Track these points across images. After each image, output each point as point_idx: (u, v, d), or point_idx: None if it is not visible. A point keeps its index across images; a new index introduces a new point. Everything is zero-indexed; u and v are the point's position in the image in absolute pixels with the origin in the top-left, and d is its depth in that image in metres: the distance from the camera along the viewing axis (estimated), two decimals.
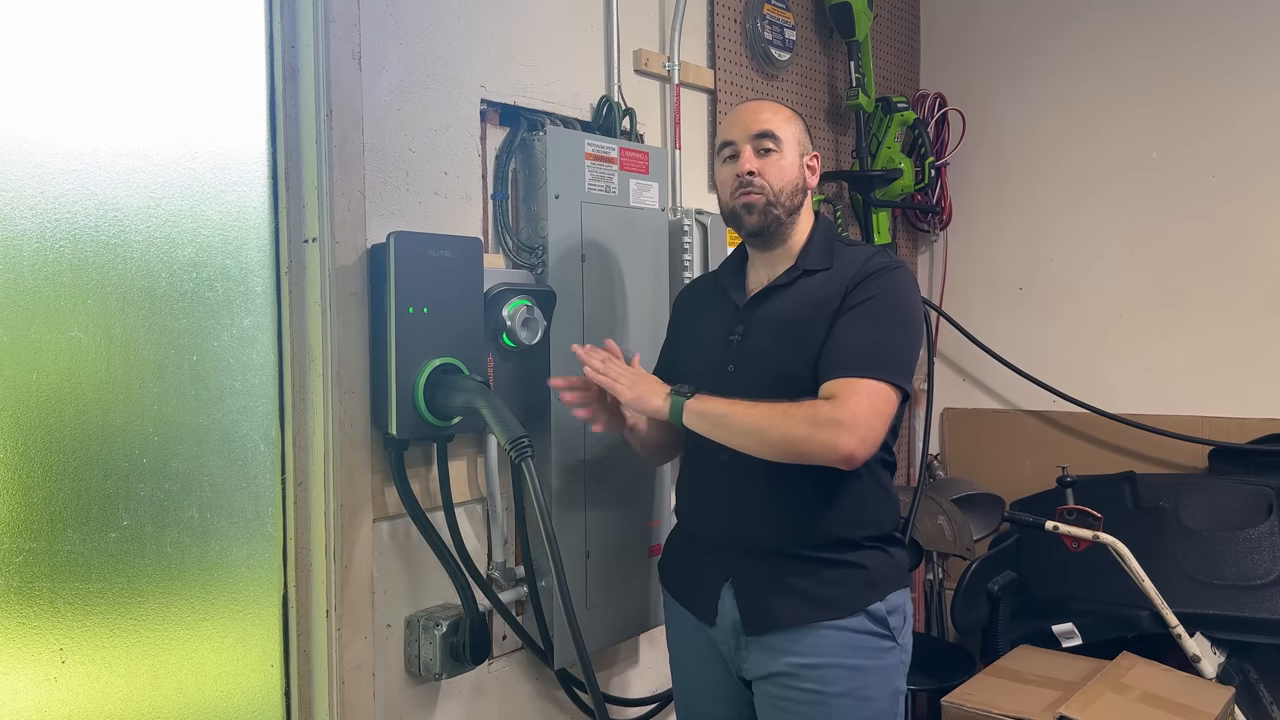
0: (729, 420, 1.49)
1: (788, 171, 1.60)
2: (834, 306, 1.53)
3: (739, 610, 1.57)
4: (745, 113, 1.65)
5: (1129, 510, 2.57)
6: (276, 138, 1.52)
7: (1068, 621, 2.42)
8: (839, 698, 1.52)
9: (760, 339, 1.59)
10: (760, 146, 1.60)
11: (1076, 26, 2.96)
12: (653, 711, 2.16)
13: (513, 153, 1.86)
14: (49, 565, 1.30)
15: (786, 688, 1.55)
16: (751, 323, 1.61)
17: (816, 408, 1.43)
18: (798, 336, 1.55)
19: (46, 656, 1.31)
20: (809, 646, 1.53)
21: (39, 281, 1.28)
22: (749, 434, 1.47)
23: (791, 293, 1.60)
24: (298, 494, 1.54)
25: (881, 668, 1.56)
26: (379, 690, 1.64)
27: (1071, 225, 2.98)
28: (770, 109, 1.65)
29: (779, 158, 1.60)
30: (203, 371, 1.45)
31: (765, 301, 1.62)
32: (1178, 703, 2.07)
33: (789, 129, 1.62)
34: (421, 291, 1.57)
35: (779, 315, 1.59)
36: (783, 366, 1.55)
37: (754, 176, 1.59)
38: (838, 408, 1.42)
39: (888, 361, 1.47)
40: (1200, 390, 2.77)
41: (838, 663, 1.53)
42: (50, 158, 1.29)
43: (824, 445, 1.41)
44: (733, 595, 1.58)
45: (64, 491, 1.31)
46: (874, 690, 1.55)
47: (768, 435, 1.45)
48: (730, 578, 1.59)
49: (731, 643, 1.60)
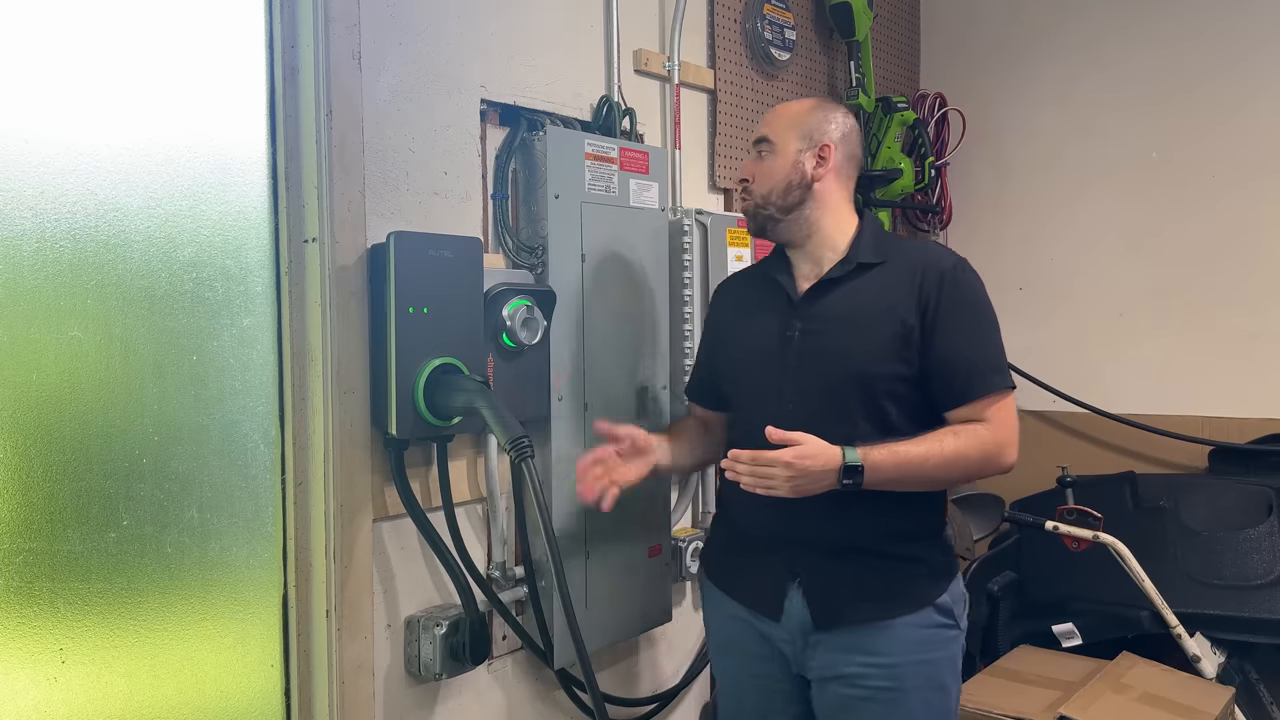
0: (929, 462, 1.49)
1: (775, 172, 1.62)
2: (910, 306, 1.54)
3: (809, 608, 1.57)
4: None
5: (1129, 510, 2.57)
6: (276, 138, 1.52)
7: (1068, 621, 2.42)
8: (916, 691, 1.54)
9: (825, 334, 1.58)
10: (756, 152, 1.66)
11: (1076, 26, 2.96)
12: (653, 711, 2.16)
13: (513, 153, 1.86)
14: (49, 565, 1.30)
15: (860, 687, 1.55)
16: (812, 318, 1.60)
17: (979, 435, 1.52)
18: (865, 332, 1.56)
19: (46, 656, 1.31)
20: (883, 644, 1.54)
21: (39, 281, 1.28)
22: (947, 466, 1.51)
23: (852, 287, 1.60)
24: (298, 494, 1.54)
25: (950, 656, 1.59)
26: (379, 690, 1.64)
27: (1071, 225, 2.98)
28: (776, 111, 1.69)
29: (771, 159, 1.63)
30: (203, 371, 1.45)
31: (823, 295, 1.61)
32: (1178, 703, 2.07)
33: (786, 128, 1.64)
34: (421, 291, 1.57)
35: (844, 311, 1.58)
36: (848, 360, 1.55)
37: (746, 182, 1.66)
38: (996, 430, 1.53)
39: (1003, 369, 1.58)
40: (1200, 390, 2.77)
41: (913, 659, 1.55)
42: (50, 157, 1.29)
43: (996, 468, 1.55)
44: (801, 593, 1.58)
45: (64, 491, 1.31)
46: (946, 678, 1.58)
47: (952, 470, 1.52)
48: (798, 575, 1.58)
49: (798, 641, 1.59)
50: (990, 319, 1.59)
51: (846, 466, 1.46)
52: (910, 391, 1.56)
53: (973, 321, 1.56)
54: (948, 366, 1.54)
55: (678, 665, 2.27)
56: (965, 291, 1.57)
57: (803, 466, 1.44)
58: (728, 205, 2.40)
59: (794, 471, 1.45)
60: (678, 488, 2.19)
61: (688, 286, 2.10)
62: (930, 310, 1.54)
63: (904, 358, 1.54)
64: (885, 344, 1.54)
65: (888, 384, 1.54)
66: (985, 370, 1.55)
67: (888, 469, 1.48)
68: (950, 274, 1.56)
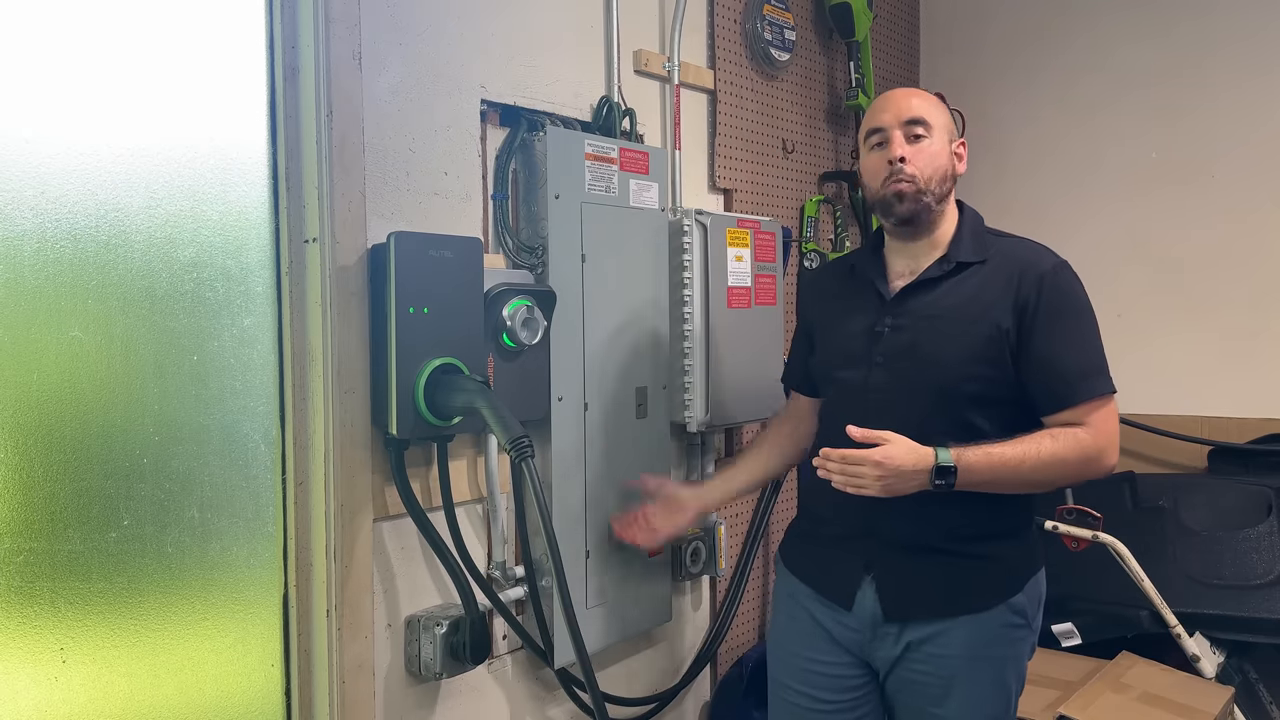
0: (1025, 464, 1.47)
1: (938, 158, 1.58)
2: (1006, 309, 1.52)
3: (880, 600, 1.57)
4: (896, 99, 1.62)
5: (1129, 510, 2.57)
6: (277, 138, 1.52)
7: (1067, 621, 2.42)
8: (976, 686, 1.55)
9: (916, 333, 1.56)
10: (911, 133, 1.58)
11: (1076, 26, 2.97)
12: (653, 711, 2.16)
13: (513, 153, 1.86)
14: (49, 565, 1.30)
15: (923, 676, 1.56)
16: (903, 315, 1.58)
17: (1079, 438, 1.50)
18: (961, 333, 1.54)
19: (47, 656, 1.31)
20: (950, 638, 1.55)
21: (39, 281, 1.28)
22: (1043, 469, 1.49)
23: (949, 287, 1.58)
24: (298, 494, 1.54)
25: (1015, 655, 1.59)
26: (379, 690, 1.65)
27: (1071, 225, 2.98)
28: (920, 95, 1.63)
29: (929, 144, 1.58)
30: (203, 371, 1.45)
31: (918, 294, 1.59)
32: (1177, 702, 2.07)
33: (939, 115, 1.60)
34: (422, 291, 1.57)
35: (937, 310, 1.56)
36: (941, 362, 1.53)
37: (905, 164, 1.56)
38: (1097, 435, 1.51)
39: (1105, 372, 1.56)
40: (1199, 390, 2.77)
41: (978, 654, 1.55)
42: (50, 157, 1.29)
43: (1095, 472, 1.53)
44: (874, 586, 1.58)
45: (64, 491, 1.31)
46: (1008, 676, 1.59)
47: (1049, 473, 1.50)
48: (871, 568, 1.59)
49: (867, 631, 1.60)
50: (1091, 321, 1.56)
51: (939, 467, 1.44)
52: (998, 393, 1.54)
53: (1074, 324, 1.55)
54: (1048, 371, 1.52)
55: (678, 665, 2.28)
56: (1066, 294, 1.55)
57: (893, 466, 1.43)
58: (727, 205, 2.40)
59: (883, 471, 1.43)
60: None
61: (687, 287, 2.10)
62: (1029, 313, 1.52)
63: (995, 361, 1.52)
64: (976, 346, 1.52)
65: (975, 386, 1.53)
66: (1088, 374, 1.53)
67: (982, 470, 1.46)
68: (1050, 276, 1.54)
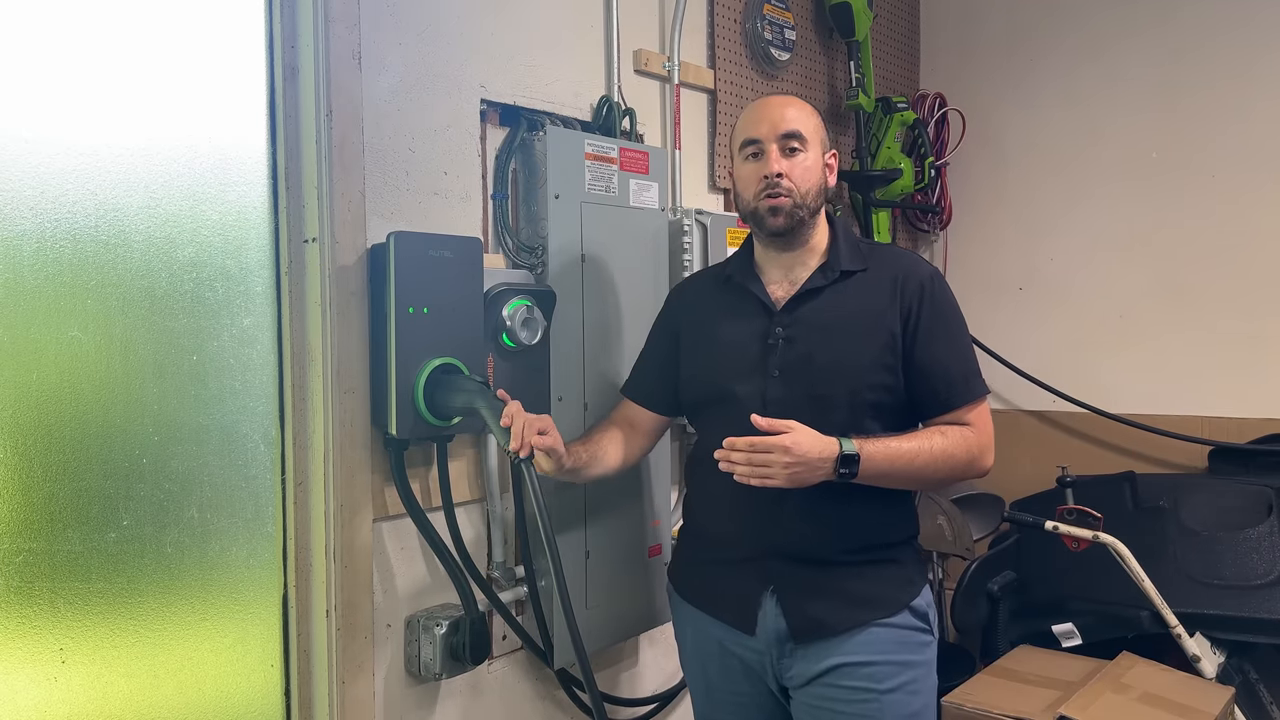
0: (919, 459, 1.51)
1: (812, 172, 1.58)
2: (894, 315, 1.56)
3: (786, 619, 1.55)
4: (770, 109, 1.59)
5: (1129, 510, 2.57)
6: (276, 138, 1.52)
7: (1068, 621, 2.42)
8: (889, 693, 1.53)
9: (810, 344, 1.56)
10: (787, 146, 1.57)
11: (1076, 26, 2.96)
12: (653, 711, 2.16)
13: (513, 153, 1.86)
14: (49, 565, 1.30)
15: (834, 687, 1.54)
16: (793, 325, 1.58)
17: (965, 436, 1.56)
18: (858, 342, 1.55)
19: (46, 656, 1.31)
20: (858, 645, 1.54)
21: (39, 281, 1.28)
22: (935, 464, 1.53)
23: (835, 295, 1.59)
24: (298, 494, 1.54)
25: (926, 662, 1.59)
26: (379, 690, 1.64)
27: (1071, 225, 2.98)
28: (796, 105, 1.60)
29: (804, 157, 1.58)
30: (203, 371, 1.45)
31: (807, 303, 1.59)
32: (1178, 703, 2.07)
33: (813, 127, 1.60)
34: (421, 291, 1.57)
35: (828, 320, 1.57)
36: (843, 372, 1.54)
37: (781, 178, 1.56)
38: (980, 434, 1.58)
39: (979, 374, 1.62)
40: (1200, 390, 2.77)
41: (888, 659, 1.54)
42: (50, 157, 1.29)
43: (977, 470, 1.59)
44: (776, 604, 1.56)
45: (64, 491, 1.31)
46: (921, 684, 1.58)
47: (939, 468, 1.54)
48: (772, 587, 1.57)
49: (773, 652, 1.58)
50: (964, 327, 1.63)
51: (844, 455, 1.45)
52: (894, 400, 1.57)
53: (954, 331, 1.60)
54: (932, 375, 1.56)
55: (677, 665, 2.27)
56: (943, 301, 1.60)
57: (800, 452, 1.42)
58: (727, 205, 2.40)
59: (792, 457, 1.42)
60: (677, 488, 2.19)
61: None
62: (912, 320, 1.56)
63: (892, 368, 1.55)
64: (875, 354, 1.54)
65: (875, 393, 1.55)
66: (969, 376, 1.59)
67: (881, 461, 1.48)
68: (929, 283, 1.59)
